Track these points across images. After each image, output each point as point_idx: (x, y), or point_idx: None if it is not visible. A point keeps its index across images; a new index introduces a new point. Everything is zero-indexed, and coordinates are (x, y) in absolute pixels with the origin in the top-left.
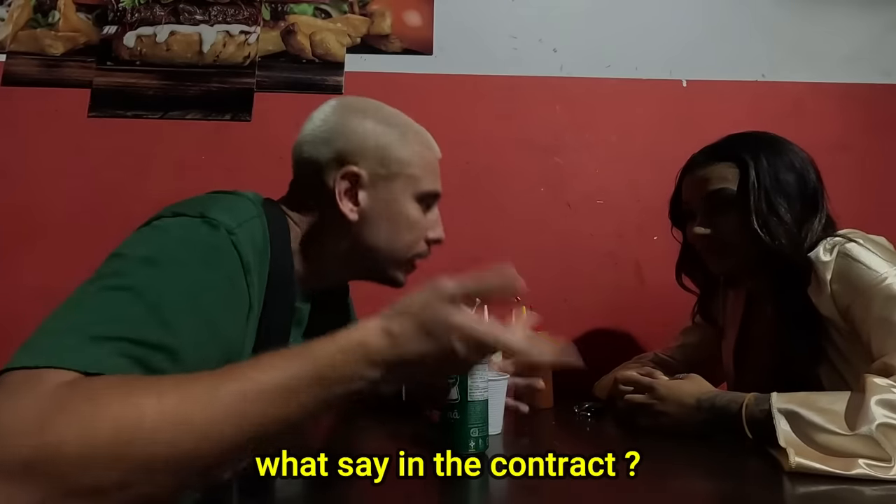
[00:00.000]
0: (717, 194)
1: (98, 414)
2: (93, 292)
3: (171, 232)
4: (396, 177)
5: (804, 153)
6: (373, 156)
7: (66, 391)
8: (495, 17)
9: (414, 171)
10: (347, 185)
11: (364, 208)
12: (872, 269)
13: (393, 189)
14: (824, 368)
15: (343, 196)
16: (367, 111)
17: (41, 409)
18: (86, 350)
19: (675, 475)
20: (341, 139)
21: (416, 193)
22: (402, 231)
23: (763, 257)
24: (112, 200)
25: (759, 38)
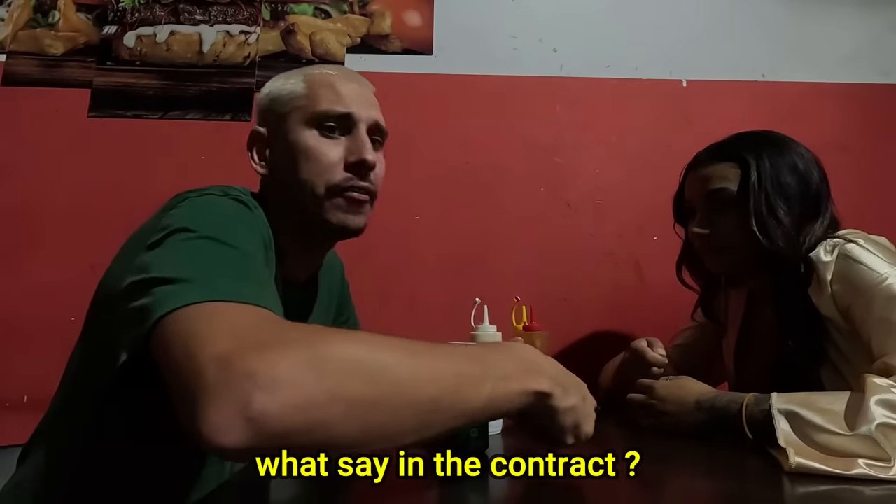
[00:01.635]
0: (717, 194)
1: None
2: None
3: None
4: (287, 115)
5: (810, 154)
6: (268, 109)
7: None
8: (495, 17)
9: (300, 101)
10: (257, 145)
11: (268, 158)
12: (873, 269)
13: (286, 128)
14: (825, 369)
15: (254, 156)
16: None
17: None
18: (250, 287)
19: (675, 475)
20: (257, 111)
21: (308, 118)
22: (300, 162)
23: (762, 258)
24: (112, 200)
25: (759, 38)
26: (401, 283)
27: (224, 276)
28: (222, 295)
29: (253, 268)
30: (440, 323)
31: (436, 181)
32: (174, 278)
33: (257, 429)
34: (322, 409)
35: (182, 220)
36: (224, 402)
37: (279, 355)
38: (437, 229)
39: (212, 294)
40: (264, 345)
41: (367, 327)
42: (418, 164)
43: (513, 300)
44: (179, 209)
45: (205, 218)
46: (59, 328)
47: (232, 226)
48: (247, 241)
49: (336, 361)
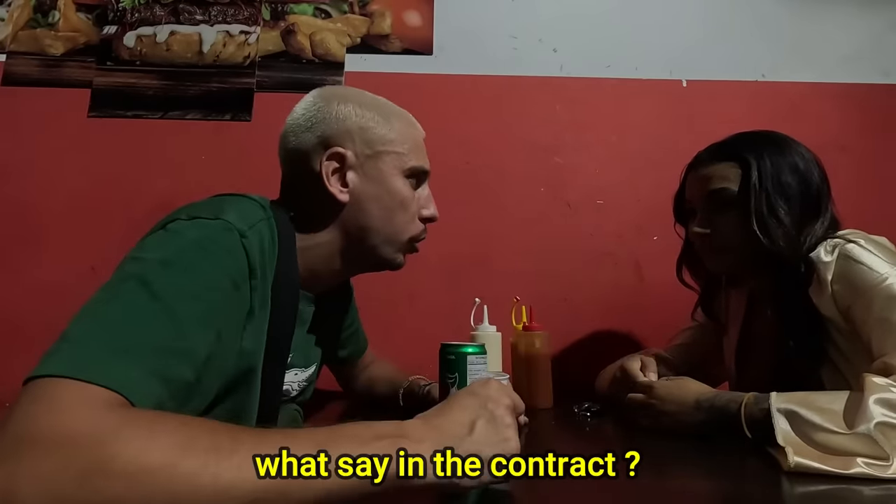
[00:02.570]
0: (717, 194)
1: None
2: (115, 298)
3: (187, 235)
4: (382, 155)
5: (810, 154)
6: (357, 137)
7: (120, 416)
8: (495, 17)
9: (399, 148)
10: (335, 165)
11: (354, 189)
12: (873, 269)
13: (380, 167)
14: (826, 369)
15: (331, 177)
16: (347, 97)
17: (99, 427)
18: (118, 366)
19: (675, 475)
20: (323, 124)
21: (405, 170)
22: (394, 209)
23: (762, 258)
24: (112, 200)
25: (759, 38)
26: (401, 283)
27: (109, 348)
28: (78, 372)
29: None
30: (440, 323)
31: (436, 181)
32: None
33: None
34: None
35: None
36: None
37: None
38: (437, 229)
39: (68, 370)
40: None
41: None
42: None
43: (513, 300)
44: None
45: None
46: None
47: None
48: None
49: (116, 474)
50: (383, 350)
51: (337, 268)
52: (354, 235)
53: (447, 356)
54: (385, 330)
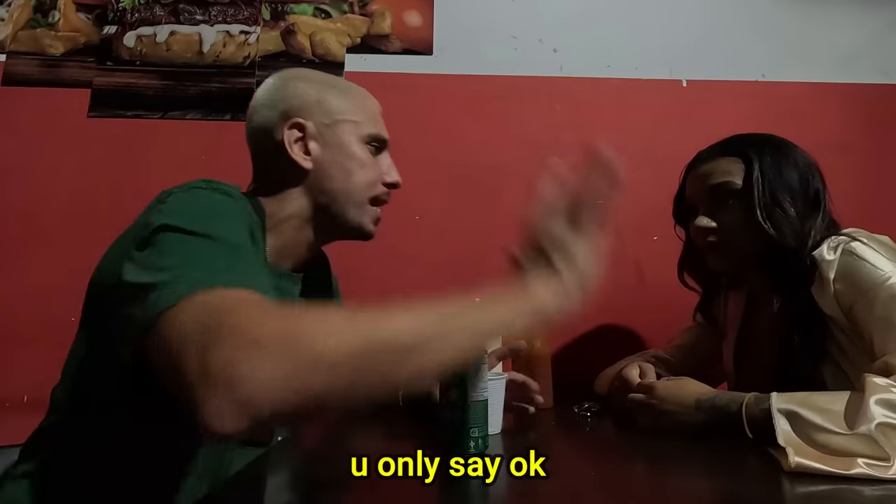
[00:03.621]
0: (720, 187)
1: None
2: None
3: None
4: (340, 123)
5: (809, 158)
6: (315, 108)
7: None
8: (495, 17)
9: (356, 117)
10: (297, 134)
11: (316, 156)
12: (876, 268)
13: (339, 134)
14: (828, 368)
15: (293, 145)
16: (303, 75)
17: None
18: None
19: (675, 475)
20: (284, 101)
21: (362, 136)
22: (355, 171)
23: (765, 254)
24: (112, 200)
25: (759, 39)
26: (401, 283)
27: (209, 268)
28: (207, 285)
29: (238, 256)
30: None
31: (436, 181)
32: (161, 281)
33: (248, 410)
34: (305, 376)
35: (168, 216)
36: (213, 394)
37: (257, 334)
38: (437, 229)
39: (196, 287)
40: (242, 329)
41: None
42: (418, 163)
43: None
44: (166, 205)
45: (190, 213)
46: (59, 329)
47: (217, 219)
48: (232, 232)
49: (312, 329)
50: None
51: (309, 238)
52: (321, 200)
53: None
54: None
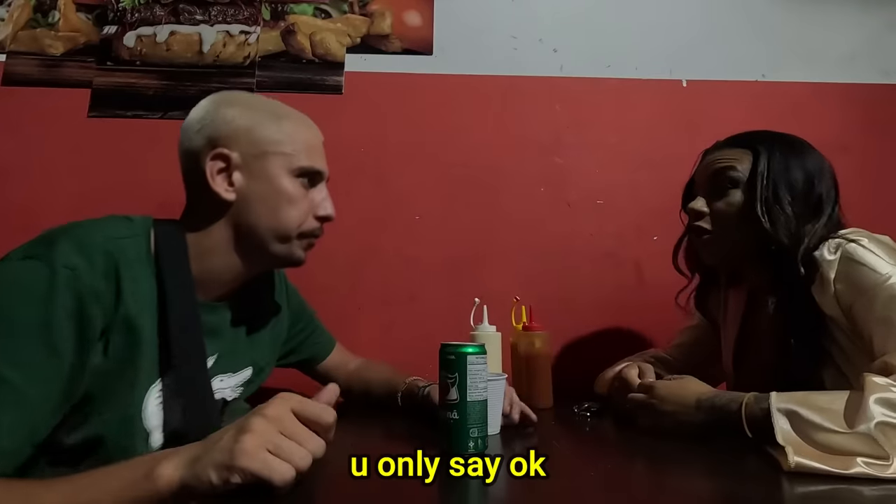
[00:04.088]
0: (723, 172)
1: None
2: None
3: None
4: (269, 155)
5: (824, 162)
6: (243, 138)
7: None
8: (495, 17)
9: (287, 149)
10: (220, 165)
11: (239, 188)
12: (876, 268)
13: (267, 167)
14: (828, 368)
15: (216, 177)
16: (235, 100)
17: None
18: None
19: (675, 475)
20: (211, 126)
21: (292, 170)
22: (281, 207)
23: (756, 249)
24: (112, 200)
25: (759, 38)
26: (401, 283)
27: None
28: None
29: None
30: (440, 323)
31: (436, 181)
32: None
33: None
34: None
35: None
36: None
37: None
38: (437, 229)
39: None
40: None
41: (367, 327)
42: (418, 164)
43: (513, 300)
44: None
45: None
46: None
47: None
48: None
49: None
50: (383, 350)
51: (238, 267)
52: (243, 233)
53: (447, 356)
54: (385, 330)
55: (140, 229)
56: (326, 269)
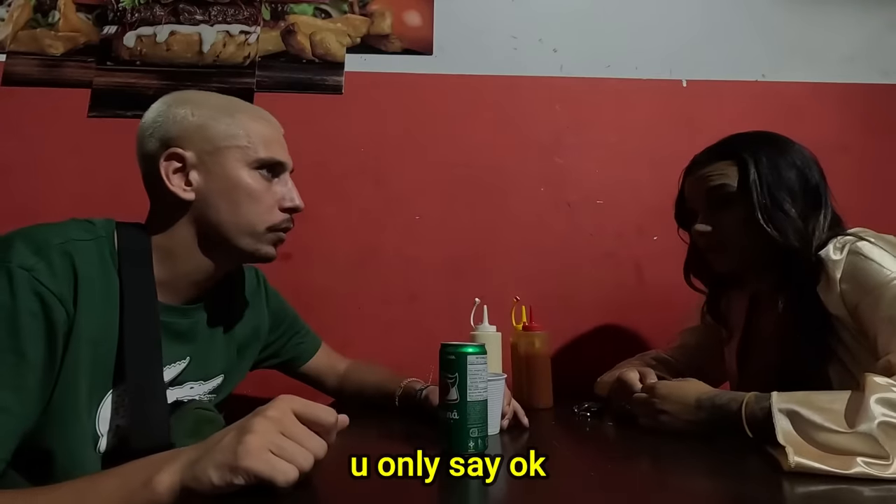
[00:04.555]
0: (717, 191)
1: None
2: None
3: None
4: (224, 150)
5: (807, 152)
6: (196, 136)
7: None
8: (495, 17)
9: (242, 142)
10: (175, 165)
11: (198, 186)
12: (882, 268)
13: (222, 162)
14: (834, 367)
15: (171, 177)
16: (187, 99)
17: None
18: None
19: (676, 475)
20: (163, 128)
21: (251, 162)
22: (241, 201)
23: (768, 254)
24: (112, 200)
25: (759, 38)
26: (401, 283)
27: None
28: None
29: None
30: (440, 323)
31: (436, 181)
32: None
33: None
34: None
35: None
36: None
37: None
38: (437, 229)
39: None
40: None
41: (367, 327)
42: (418, 164)
43: (513, 300)
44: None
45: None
46: None
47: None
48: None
49: None
50: (384, 350)
51: (207, 267)
52: (207, 231)
53: (447, 356)
54: (385, 330)
55: (102, 231)
56: (326, 269)
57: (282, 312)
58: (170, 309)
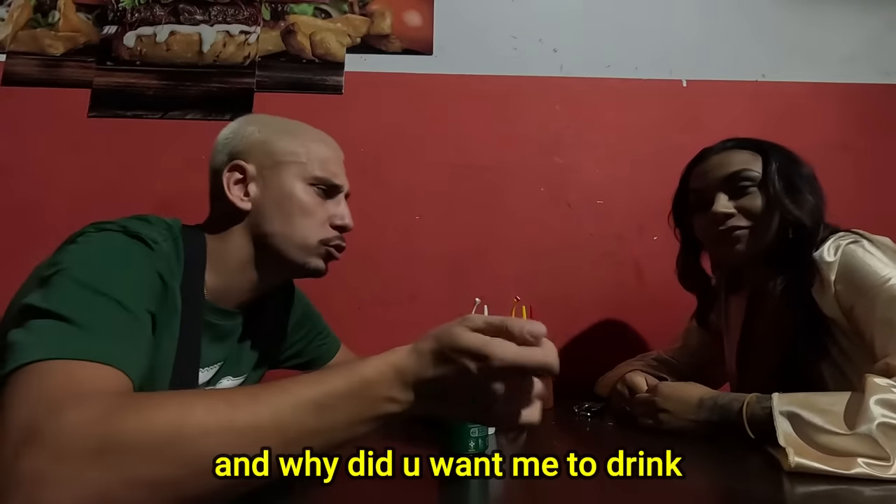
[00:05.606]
0: (739, 174)
1: (156, 412)
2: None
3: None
4: (283, 165)
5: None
6: (259, 150)
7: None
8: (495, 17)
9: (301, 158)
10: (236, 176)
11: (255, 198)
12: (876, 270)
13: (281, 176)
14: (829, 369)
15: (232, 187)
16: (258, 120)
17: (103, 403)
18: (91, 345)
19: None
20: (231, 144)
21: (306, 178)
22: (295, 215)
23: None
24: (112, 200)
25: (759, 38)
26: (401, 283)
27: (83, 333)
28: (71, 354)
29: (120, 322)
30: (440, 323)
31: (436, 181)
32: (29, 341)
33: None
34: (119, 498)
35: (72, 261)
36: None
37: (69, 443)
38: (437, 229)
39: (54, 352)
40: (65, 436)
41: (367, 327)
42: (418, 164)
43: (513, 300)
44: (74, 247)
45: (91, 264)
46: None
47: (116, 274)
48: (127, 292)
49: (134, 442)
50: (383, 350)
51: (254, 277)
52: (260, 242)
53: None
54: (385, 330)
55: (176, 234)
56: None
57: (307, 314)
58: (216, 310)
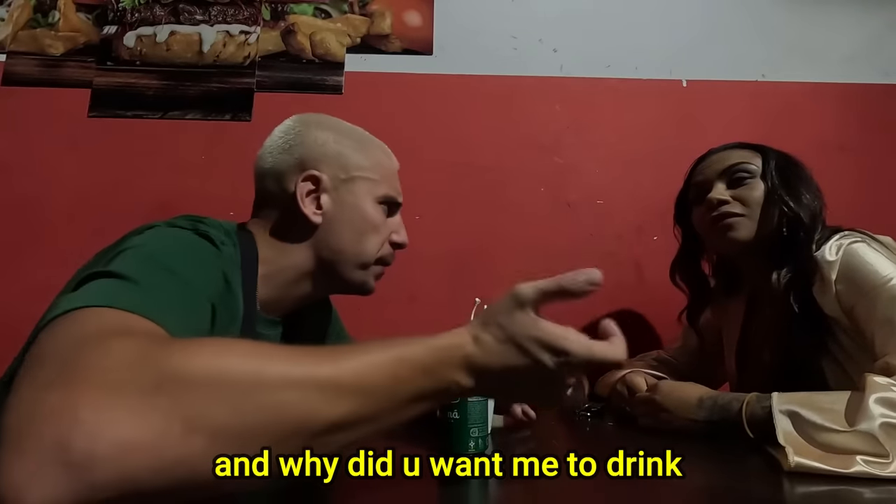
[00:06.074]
0: (738, 166)
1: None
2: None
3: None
4: (357, 180)
5: None
6: (333, 161)
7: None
8: (495, 17)
9: (373, 175)
10: (310, 187)
11: (327, 211)
12: (877, 269)
13: (354, 191)
14: (830, 368)
15: (305, 199)
16: (325, 123)
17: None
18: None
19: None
20: (301, 147)
21: (377, 197)
22: (366, 232)
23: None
24: (112, 200)
25: (759, 38)
26: (401, 283)
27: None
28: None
29: (178, 291)
30: (440, 323)
31: (436, 181)
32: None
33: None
34: (175, 445)
35: (139, 242)
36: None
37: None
38: (437, 229)
39: (104, 300)
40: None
41: (367, 327)
42: (418, 164)
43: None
44: (142, 235)
45: (164, 244)
46: None
47: (185, 257)
48: (198, 273)
49: (201, 380)
50: None
51: (306, 291)
52: (325, 257)
53: None
54: (385, 330)
55: (234, 237)
56: None
57: (334, 325)
58: (263, 320)
